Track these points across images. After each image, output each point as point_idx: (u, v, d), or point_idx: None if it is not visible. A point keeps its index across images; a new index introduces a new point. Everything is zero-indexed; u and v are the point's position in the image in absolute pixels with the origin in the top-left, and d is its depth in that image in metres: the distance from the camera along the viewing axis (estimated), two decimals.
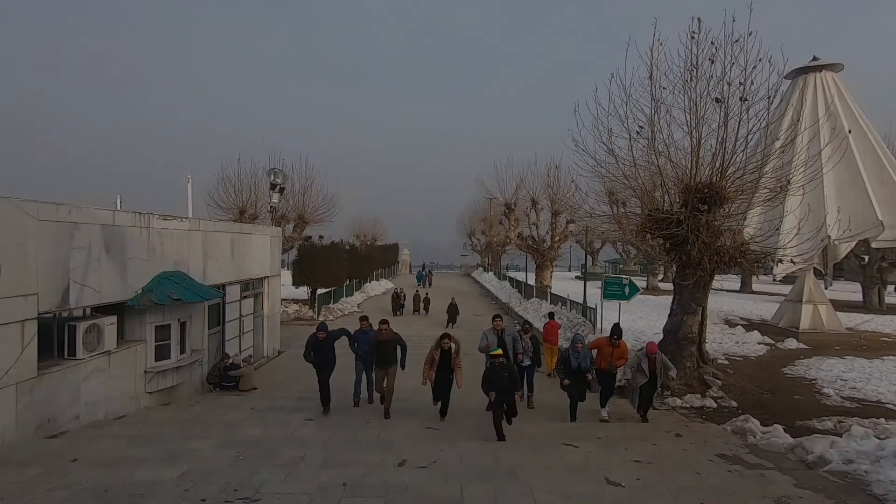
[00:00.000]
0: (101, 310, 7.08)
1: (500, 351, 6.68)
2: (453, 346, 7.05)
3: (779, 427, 6.44)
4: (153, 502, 4.04)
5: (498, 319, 8.17)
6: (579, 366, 7.33)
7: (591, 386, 7.46)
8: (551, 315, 11.98)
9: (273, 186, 15.60)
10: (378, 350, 7.59)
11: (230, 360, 9.45)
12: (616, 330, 7.76)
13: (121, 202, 11.24)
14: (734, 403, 8.16)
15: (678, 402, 8.23)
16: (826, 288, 30.73)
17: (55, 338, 6.51)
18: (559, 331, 11.37)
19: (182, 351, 8.39)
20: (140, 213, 7.65)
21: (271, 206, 16.99)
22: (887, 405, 8.00)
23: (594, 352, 7.71)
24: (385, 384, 7.56)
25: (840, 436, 6.03)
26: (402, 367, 7.67)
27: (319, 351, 7.61)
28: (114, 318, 7.11)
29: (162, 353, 7.94)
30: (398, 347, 7.70)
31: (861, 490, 4.59)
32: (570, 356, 7.43)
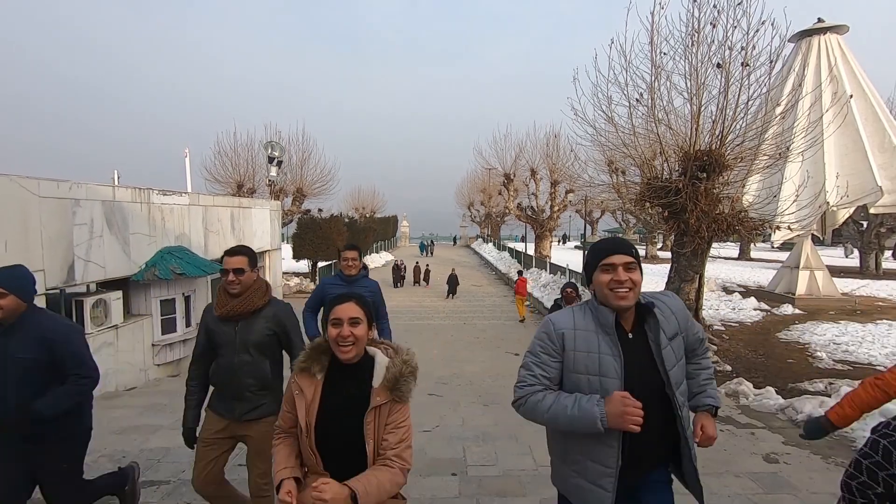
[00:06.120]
0: (107, 285, 7.19)
1: None
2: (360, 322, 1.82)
3: (770, 389, 6.64)
4: (170, 466, 4.22)
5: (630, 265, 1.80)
6: None
7: None
8: (520, 272, 16.18)
9: (271, 160, 15.56)
10: (220, 346, 2.62)
11: None
12: None
13: (119, 177, 11.23)
14: (728, 367, 8.36)
15: None
16: (847, 255, 30.99)
17: (63, 313, 6.63)
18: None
19: (188, 324, 8.55)
20: (140, 189, 7.67)
21: (269, 180, 16.95)
22: (878, 367, 8.20)
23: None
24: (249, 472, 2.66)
25: (829, 396, 6.24)
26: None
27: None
28: (119, 293, 7.23)
29: (168, 326, 8.10)
30: (279, 349, 2.72)
31: (846, 446, 4.79)
32: None
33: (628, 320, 1.84)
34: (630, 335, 1.82)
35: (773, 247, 35.35)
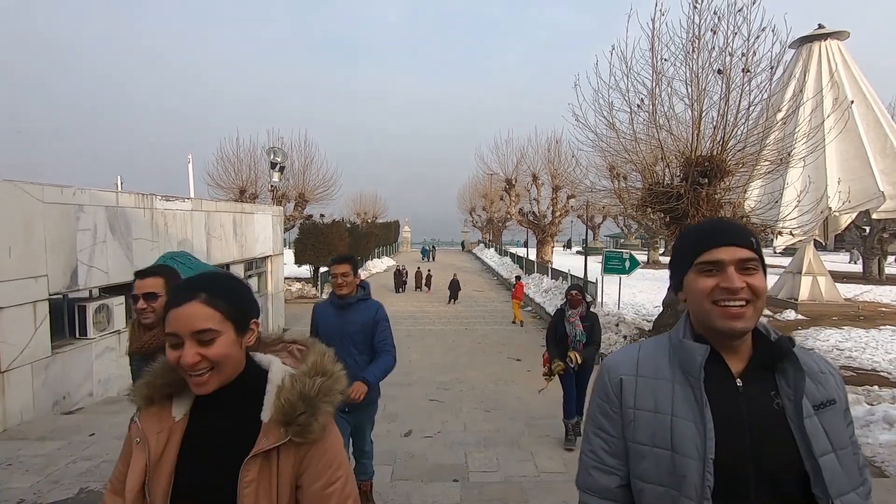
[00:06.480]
0: (110, 290, 7.21)
1: None
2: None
3: None
4: None
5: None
6: None
7: None
8: (518, 278, 16.60)
9: (273, 165, 15.63)
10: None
11: None
12: None
13: (122, 183, 11.29)
14: None
15: None
16: (853, 262, 30.89)
17: (66, 318, 6.65)
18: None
19: None
20: (143, 195, 7.71)
21: (272, 186, 17.02)
22: (881, 373, 8.16)
23: None
24: None
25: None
26: None
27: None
28: (122, 299, 7.24)
29: None
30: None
31: None
32: None
33: (740, 357, 1.06)
34: (739, 384, 1.03)
35: (775, 252, 35.22)
